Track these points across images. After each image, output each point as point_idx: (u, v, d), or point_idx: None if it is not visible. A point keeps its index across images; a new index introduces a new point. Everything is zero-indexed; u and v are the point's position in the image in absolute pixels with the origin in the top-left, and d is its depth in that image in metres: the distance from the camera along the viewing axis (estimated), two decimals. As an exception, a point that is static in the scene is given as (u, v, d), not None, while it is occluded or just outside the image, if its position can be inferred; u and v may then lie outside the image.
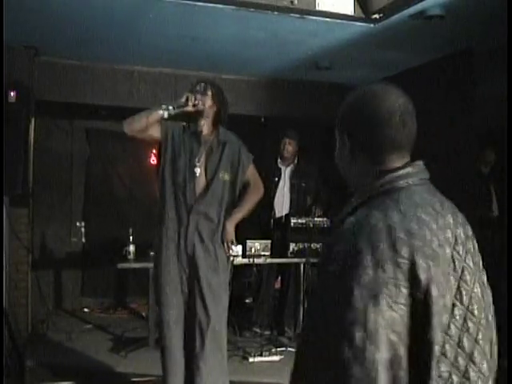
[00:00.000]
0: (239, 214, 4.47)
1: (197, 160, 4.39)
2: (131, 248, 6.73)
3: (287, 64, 6.92)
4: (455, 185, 5.71)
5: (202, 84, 4.48)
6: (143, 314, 7.76)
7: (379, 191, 1.64)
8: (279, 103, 7.83)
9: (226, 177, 4.41)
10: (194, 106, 4.35)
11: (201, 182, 4.39)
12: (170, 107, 4.31)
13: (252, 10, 5.00)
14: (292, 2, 4.93)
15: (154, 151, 8.99)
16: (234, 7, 4.96)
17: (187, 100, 4.33)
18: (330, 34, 5.68)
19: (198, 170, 4.37)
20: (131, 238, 6.80)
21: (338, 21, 5.26)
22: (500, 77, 5.74)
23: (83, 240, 8.49)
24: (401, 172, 1.64)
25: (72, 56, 6.72)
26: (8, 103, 5.98)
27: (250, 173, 4.59)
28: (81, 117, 8.34)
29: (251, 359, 5.96)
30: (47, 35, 5.90)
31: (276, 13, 5.07)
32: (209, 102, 4.45)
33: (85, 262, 8.54)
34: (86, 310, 8.21)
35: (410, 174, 1.65)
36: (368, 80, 7.54)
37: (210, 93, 4.45)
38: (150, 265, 6.68)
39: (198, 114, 4.43)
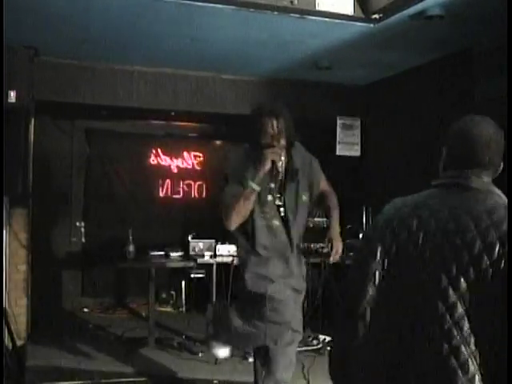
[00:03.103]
0: (337, 221, 4.24)
1: (276, 191, 4.09)
2: (131, 248, 6.75)
3: (287, 64, 6.92)
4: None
5: (274, 122, 4.02)
6: (143, 313, 7.78)
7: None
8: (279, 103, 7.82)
9: (305, 199, 4.18)
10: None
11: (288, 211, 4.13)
12: (258, 185, 3.91)
13: (252, 10, 5.00)
14: (292, 2, 4.92)
15: (154, 151, 9.03)
16: (233, 7, 4.95)
17: (273, 163, 3.96)
18: (330, 34, 5.68)
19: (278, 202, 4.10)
20: (131, 237, 6.81)
21: (338, 21, 5.26)
22: (499, 77, 5.75)
23: (83, 240, 8.51)
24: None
25: (72, 56, 6.71)
26: (8, 103, 5.99)
27: (323, 186, 4.35)
28: (81, 117, 8.35)
29: (250, 359, 5.96)
30: (47, 35, 5.89)
31: (276, 13, 5.07)
32: (285, 139, 4.06)
33: (85, 262, 8.55)
34: (85, 309, 8.22)
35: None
36: (367, 80, 7.57)
37: (284, 129, 4.04)
38: (150, 265, 6.72)
39: None
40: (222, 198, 4.03)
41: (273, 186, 4.02)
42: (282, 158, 4.05)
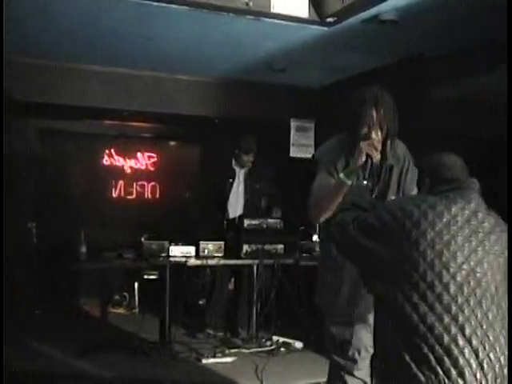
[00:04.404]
0: None
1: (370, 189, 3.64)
2: (83, 249, 6.66)
3: (242, 65, 6.93)
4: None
5: (374, 111, 3.57)
6: (96, 315, 7.70)
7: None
8: (234, 104, 7.84)
9: None
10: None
11: None
12: (350, 179, 3.46)
13: (207, 11, 5.00)
14: (247, 4, 4.94)
15: (107, 151, 8.97)
16: (189, 8, 4.95)
17: (368, 157, 3.50)
18: (285, 37, 5.71)
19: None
20: (83, 238, 6.73)
21: (293, 23, 5.29)
22: (451, 82, 5.85)
23: (34, 241, 8.39)
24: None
25: (25, 54, 6.63)
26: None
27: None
28: (33, 116, 8.23)
29: (204, 361, 5.95)
30: (-1, 33, 5.81)
31: (231, 14, 5.08)
32: (385, 131, 3.61)
33: (36, 263, 8.43)
34: (38, 312, 8.10)
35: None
36: (322, 82, 7.62)
37: (385, 120, 3.60)
38: (103, 265, 6.66)
39: None
40: (312, 187, 3.73)
41: (365, 182, 3.57)
42: (377, 153, 3.57)
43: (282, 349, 6.32)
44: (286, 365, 5.89)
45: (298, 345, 6.45)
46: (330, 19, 5.19)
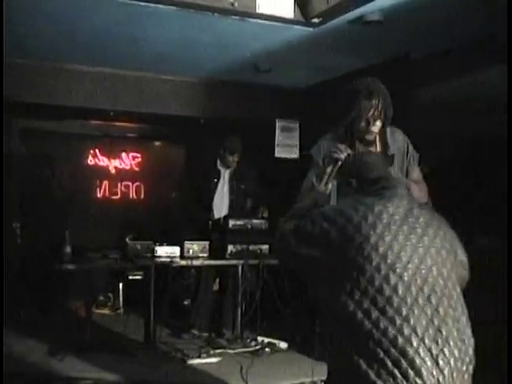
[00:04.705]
0: None
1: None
2: (67, 249, 6.64)
3: (227, 66, 6.93)
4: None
5: (367, 104, 3.56)
6: (80, 316, 7.66)
7: None
8: (219, 105, 7.83)
9: None
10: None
11: None
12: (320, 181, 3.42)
13: (193, 11, 5.00)
14: (232, 4, 4.94)
15: (92, 151, 8.94)
16: (175, 8, 4.94)
17: (336, 162, 3.38)
18: (270, 37, 5.71)
19: None
20: (68, 239, 6.71)
21: (278, 24, 5.29)
22: (437, 82, 5.86)
23: (19, 241, 8.35)
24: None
25: (10, 53, 6.58)
26: None
27: (414, 176, 3.79)
28: (17, 116, 8.19)
29: (189, 361, 5.94)
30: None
31: (216, 14, 5.08)
32: (380, 125, 3.62)
33: (21, 263, 8.38)
34: (22, 312, 8.06)
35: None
36: (307, 83, 7.62)
37: (381, 109, 3.60)
38: (88, 266, 6.63)
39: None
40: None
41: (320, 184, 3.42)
42: (348, 152, 3.42)
43: (267, 349, 6.31)
44: (271, 365, 5.88)
45: (283, 345, 6.45)
46: (315, 20, 5.20)
